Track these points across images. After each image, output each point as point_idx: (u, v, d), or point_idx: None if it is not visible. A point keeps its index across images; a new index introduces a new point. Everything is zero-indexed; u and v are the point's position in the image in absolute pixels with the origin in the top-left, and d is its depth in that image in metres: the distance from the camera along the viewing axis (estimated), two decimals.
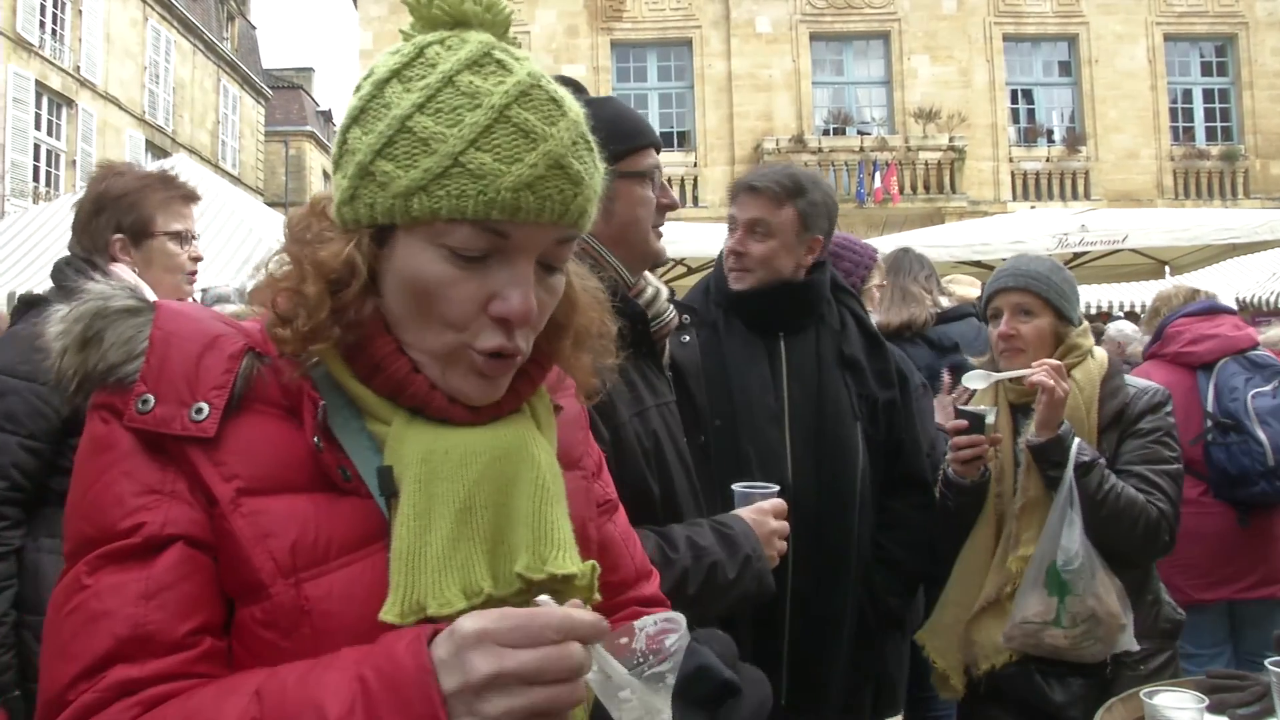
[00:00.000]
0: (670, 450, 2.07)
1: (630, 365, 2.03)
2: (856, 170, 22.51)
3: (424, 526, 1.00)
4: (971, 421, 2.74)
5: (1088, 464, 2.64)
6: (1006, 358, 2.86)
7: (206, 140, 31.37)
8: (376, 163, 1.02)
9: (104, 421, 1.02)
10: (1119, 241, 9.29)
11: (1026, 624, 2.68)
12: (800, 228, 2.70)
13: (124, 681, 0.92)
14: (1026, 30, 24.40)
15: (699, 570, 1.90)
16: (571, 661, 0.86)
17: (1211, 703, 2.04)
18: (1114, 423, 2.82)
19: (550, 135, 1.02)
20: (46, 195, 21.54)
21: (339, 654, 0.92)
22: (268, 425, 1.04)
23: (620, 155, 2.04)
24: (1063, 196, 23.27)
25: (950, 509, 2.88)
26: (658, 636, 1.03)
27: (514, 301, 1.03)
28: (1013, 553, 2.76)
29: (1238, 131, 24.23)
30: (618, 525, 1.38)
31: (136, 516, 0.97)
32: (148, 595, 0.95)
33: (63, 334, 1.04)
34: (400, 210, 1.01)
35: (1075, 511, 2.62)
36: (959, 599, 2.89)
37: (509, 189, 0.99)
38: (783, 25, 24.02)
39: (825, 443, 2.68)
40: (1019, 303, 2.84)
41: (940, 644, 2.93)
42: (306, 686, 0.89)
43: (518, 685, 0.85)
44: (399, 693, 0.85)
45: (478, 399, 1.08)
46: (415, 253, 1.03)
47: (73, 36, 24.14)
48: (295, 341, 1.03)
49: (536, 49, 23.56)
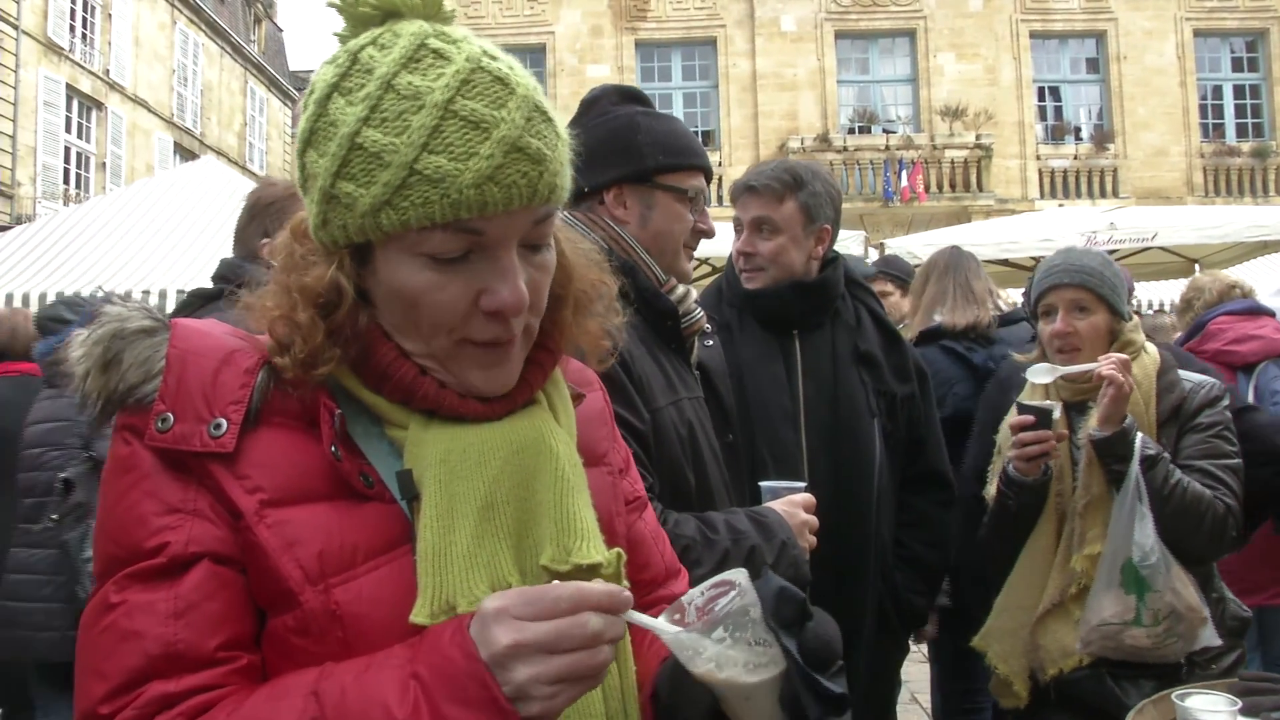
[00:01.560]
0: (704, 443, 2.11)
1: (662, 356, 2.08)
2: (882, 169, 22.42)
3: (447, 526, 1.01)
4: (1038, 417, 2.64)
5: (1153, 458, 2.58)
6: (1062, 356, 2.78)
7: (234, 142, 31.62)
8: (337, 185, 1.01)
9: (126, 442, 1.03)
10: (1148, 240, 9.20)
11: (1105, 626, 2.58)
12: (805, 219, 2.70)
13: (161, 696, 0.94)
14: (1054, 27, 24.22)
15: (739, 553, 1.93)
16: (585, 630, 0.90)
17: (1245, 705, 2.00)
18: (1172, 417, 2.75)
19: (501, 120, 0.99)
20: (77, 198, 21.77)
21: (389, 653, 0.95)
22: (287, 437, 1.04)
23: (667, 169, 2.11)
24: (1091, 194, 23.09)
25: (1011, 510, 2.77)
26: (706, 606, 1.04)
27: (503, 294, 1.02)
28: (1077, 551, 2.67)
29: (1269, 128, 23.96)
30: (647, 523, 1.37)
31: (161, 536, 0.98)
32: (176, 614, 0.96)
33: (84, 357, 1.05)
34: (371, 228, 1.00)
35: (1144, 505, 2.54)
36: (1020, 602, 2.78)
37: (470, 185, 0.97)
38: (807, 24, 23.94)
39: (841, 440, 2.68)
40: (1074, 299, 2.76)
41: (1002, 649, 2.81)
42: (365, 686, 0.91)
43: (538, 654, 0.89)
44: (455, 683, 0.89)
45: (488, 390, 1.08)
46: (396, 266, 1.03)
47: (102, 40, 24.40)
48: (295, 368, 1.03)
49: (561, 49, 23.61)
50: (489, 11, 23.90)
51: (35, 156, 21.56)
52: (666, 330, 2.12)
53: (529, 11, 24.17)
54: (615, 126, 2.10)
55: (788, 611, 1.03)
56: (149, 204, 9.98)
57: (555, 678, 0.89)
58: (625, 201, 2.11)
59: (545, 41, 23.83)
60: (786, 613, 1.03)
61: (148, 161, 25.65)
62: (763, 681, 1.01)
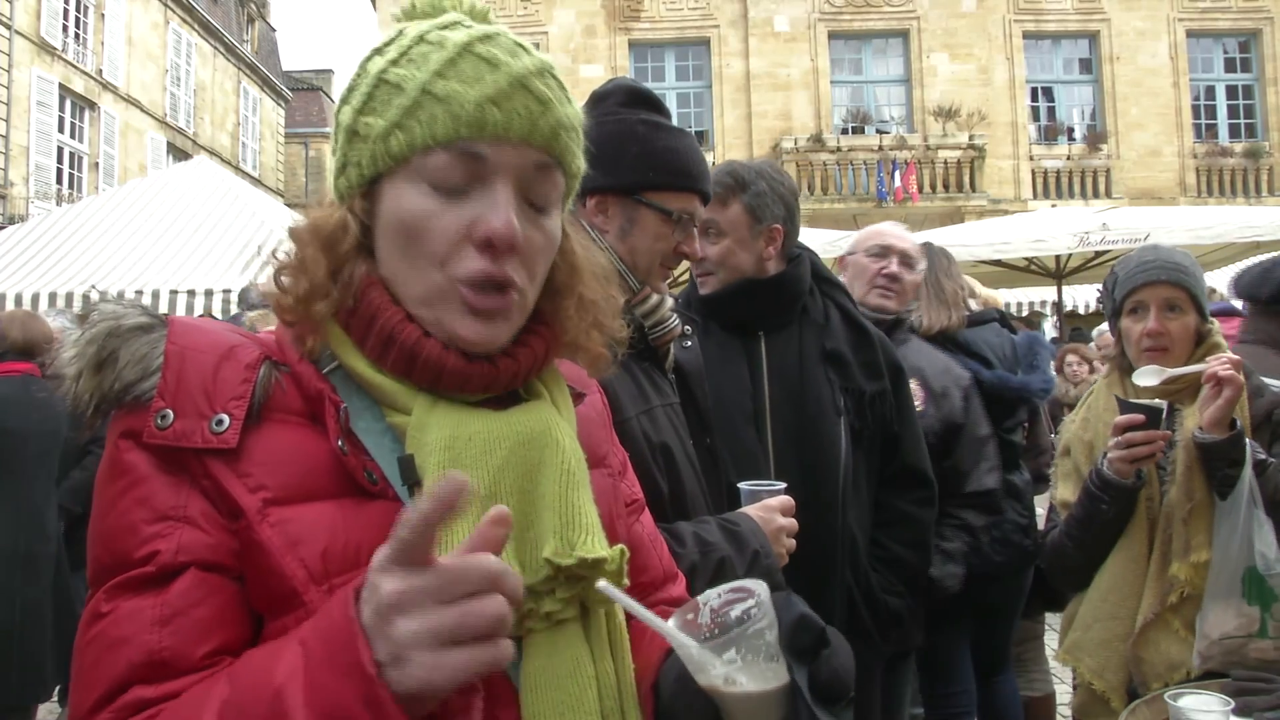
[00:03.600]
0: (678, 450, 2.07)
1: (634, 365, 2.04)
2: (875, 169, 22.44)
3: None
4: (1149, 416, 2.49)
5: (1262, 462, 2.46)
6: (1149, 355, 2.65)
7: (227, 142, 31.56)
8: (359, 120, 1.07)
9: (119, 445, 1.01)
10: (1140, 240, 9.20)
11: (1228, 640, 2.44)
12: (751, 220, 2.67)
13: (138, 701, 0.92)
14: (1047, 27, 24.27)
15: (707, 566, 1.89)
16: (467, 581, 0.80)
17: (1238, 705, 2.00)
18: (1265, 422, 2.63)
19: (513, 64, 1.06)
20: (70, 198, 21.73)
21: (299, 628, 0.89)
22: (289, 433, 1.03)
23: (655, 187, 2.06)
24: (1084, 195, 23.14)
25: (1105, 515, 2.60)
26: (721, 609, 1.04)
27: (494, 221, 1.03)
28: (1180, 559, 2.52)
29: (1261, 128, 24.02)
30: (645, 526, 1.36)
31: (150, 545, 0.97)
32: (162, 621, 0.94)
33: (77, 357, 1.03)
34: (381, 154, 1.06)
35: (1261, 511, 2.42)
36: (1112, 612, 2.62)
37: (473, 103, 1.03)
38: (801, 24, 23.97)
39: (807, 441, 2.64)
40: (1168, 298, 2.63)
41: (1096, 663, 2.63)
42: (265, 656, 0.88)
43: (428, 605, 0.79)
44: (331, 646, 0.81)
45: (474, 341, 1.06)
46: (399, 194, 1.06)
47: (95, 40, 24.34)
48: (296, 306, 1.05)
49: (554, 49, 23.60)
50: None
51: (28, 156, 21.51)
52: (637, 339, 2.06)
53: (522, 11, 24.16)
54: (613, 131, 2.03)
55: (804, 640, 1.02)
56: (142, 204, 9.98)
57: (441, 635, 0.78)
58: (606, 210, 2.07)
59: (539, 41, 23.81)
60: (803, 641, 1.02)
61: (140, 161, 25.60)
62: (768, 698, 1.00)
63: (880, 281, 3.45)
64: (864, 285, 3.47)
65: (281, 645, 0.87)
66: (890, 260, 3.46)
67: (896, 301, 3.48)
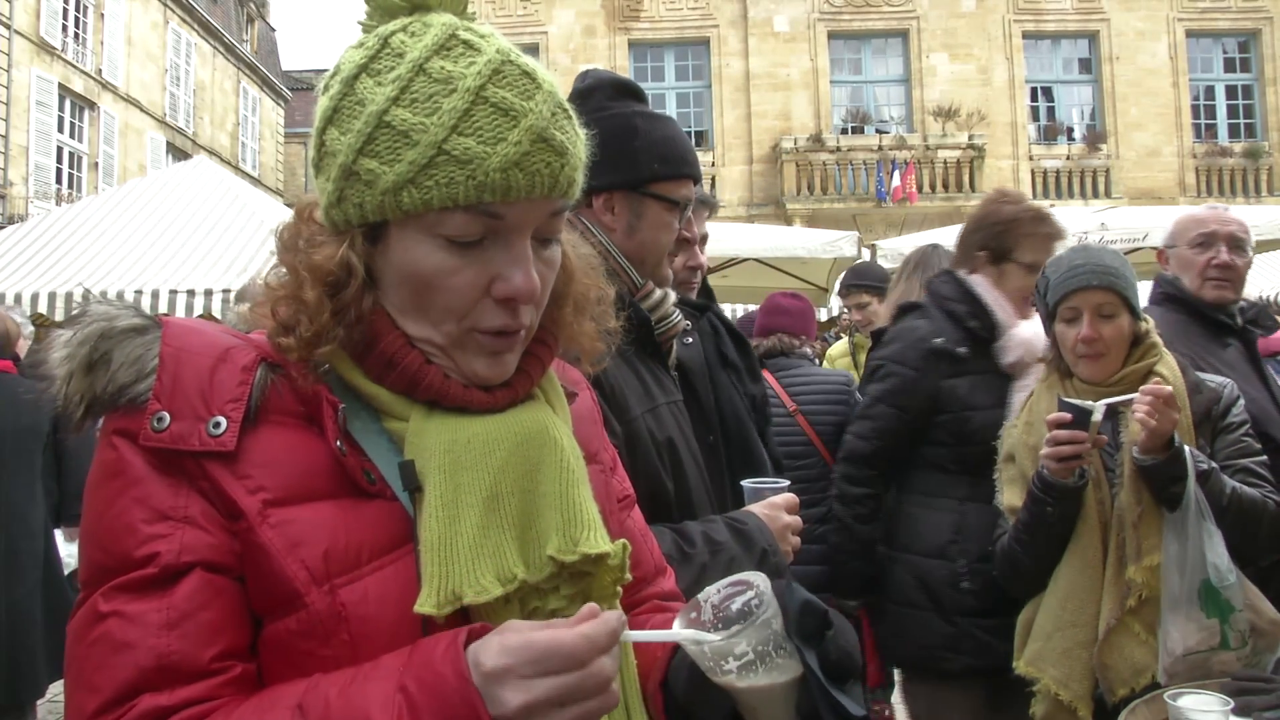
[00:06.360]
0: (684, 448, 2.07)
1: (639, 363, 2.04)
2: (875, 169, 22.45)
3: (453, 516, 1.00)
4: (1076, 416, 2.49)
5: (1206, 472, 2.46)
6: (1086, 363, 2.64)
7: (226, 142, 31.53)
8: (359, 161, 1.01)
9: (113, 446, 1.00)
10: (1140, 240, 9.20)
11: (1191, 655, 2.41)
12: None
13: (153, 710, 0.91)
14: (1046, 27, 24.27)
15: (717, 566, 1.89)
16: (600, 678, 0.89)
17: (1237, 705, 2.00)
18: (1205, 418, 2.65)
19: (529, 110, 1.01)
20: (69, 197, 21.70)
21: (378, 664, 0.92)
22: (287, 435, 1.03)
23: (660, 178, 2.08)
24: (1083, 195, 23.14)
25: (1050, 518, 2.57)
26: (722, 604, 1.05)
27: (517, 281, 1.03)
28: (1134, 563, 2.50)
29: (1261, 128, 24.03)
30: (636, 521, 1.38)
31: (151, 546, 0.96)
32: (170, 625, 0.94)
33: (67, 358, 1.02)
34: (391, 206, 1.01)
35: (1210, 523, 2.41)
36: (1072, 619, 2.58)
37: (497, 169, 0.99)
38: (800, 24, 23.97)
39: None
40: (1101, 303, 2.60)
41: (1060, 673, 2.57)
42: (350, 699, 0.89)
43: (551, 709, 0.87)
44: (442, 700, 0.87)
45: (489, 378, 1.08)
46: (411, 246, 1.03)
47: (95, 40, 24.32)
48: (300, 348, 1.02)
49: (554, 49, 23.60)
50: (482, 11, 23.84)
51: (28, 156, 21.49)
52: (641, 335, 2.06)
53: (522, 11, 24.16)
54: (613, 128, 2.01)
55: (811, 625, 1.03)
56: (141, 204, 9.96)
57: (550, 700, 0.87)
58: (614, 208, 2.08)
59: (538, 41, 23.81)
60: (809, 626, 1.03)
61: (140, 161, 25.58)
62: (783, 688, 1.02)
63: (1212, 274, 3.21)
64: (1195, 279, 3.25)
65: (363, 685, 0.90)
66: (1218, 249, 3.22)
67: (1233, 290, 3.25)
